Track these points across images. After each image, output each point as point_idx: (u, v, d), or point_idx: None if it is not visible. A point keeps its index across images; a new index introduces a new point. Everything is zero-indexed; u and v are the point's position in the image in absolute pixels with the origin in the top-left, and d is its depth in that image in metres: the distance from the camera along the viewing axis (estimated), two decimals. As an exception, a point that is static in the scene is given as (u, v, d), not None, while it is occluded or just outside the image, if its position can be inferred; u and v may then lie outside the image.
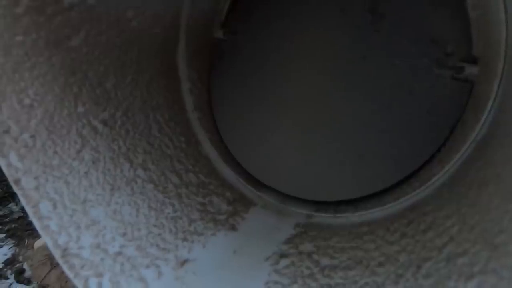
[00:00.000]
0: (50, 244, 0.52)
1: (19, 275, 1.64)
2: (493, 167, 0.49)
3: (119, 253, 0.57)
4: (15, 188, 0.51)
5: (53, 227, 0.53)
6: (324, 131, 0.85)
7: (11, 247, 1.78)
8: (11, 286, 1.60)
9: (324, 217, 0.78)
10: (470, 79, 0.67)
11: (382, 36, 0.77)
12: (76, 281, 0.52)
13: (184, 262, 0.61)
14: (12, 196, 2.00)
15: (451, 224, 0.49)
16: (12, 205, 2.02)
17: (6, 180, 0.51)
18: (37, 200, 0.52)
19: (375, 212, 0.72)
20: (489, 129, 0.58)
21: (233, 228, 0.72)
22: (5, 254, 1.75)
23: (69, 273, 0.52)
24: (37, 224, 0.52)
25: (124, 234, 0.60)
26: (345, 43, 0.82)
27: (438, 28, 0.71)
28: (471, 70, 0.67)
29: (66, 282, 1.54)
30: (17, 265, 1.69)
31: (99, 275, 0.53)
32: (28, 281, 1.62)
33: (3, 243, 1.81)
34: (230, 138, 0.93)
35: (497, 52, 0.59)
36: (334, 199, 0.80)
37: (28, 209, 0.52)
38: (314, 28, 0.85)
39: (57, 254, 0.51)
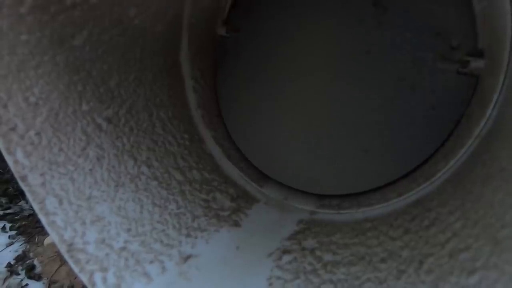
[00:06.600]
0: (56, 239, 0.53)
1: (30, 271, 1.67)
2: (498, 161, 0.49)
3: (123, 249, 0.58)
4: (21, 185, 0.52)
5: (59, 222, 0.54)
6: (329, 126, 0.84)
7: (22, 244, 1.82)
8: (22, 281, 1.64)
9: (327, 214, 0.78)
10: (476, 73, 0.66)
11: (386, 30, 0.76)
12: (81, 276, 0.53)
13: (188, 257, 0.62)
14: (22, 194, 2.04)
15: (454, 220, 0.48)
16: (22, 203, 2.06)
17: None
18: (43, 196, 0.53)
19: (378, 208, 0.71)
20: (495, 124, 0.57)
21: (236, 224, 0.73)
22: (16, 251, 1.79)
23: (75, 268, 0.53)
24: (43, 219, 0.53)
25: (128, 230, 0.61)
26: (348, 38, 0.81)
27: (443, 21, 0.70)
28: (476, 64, 0.65)
29: (75, 278, 1.57)
30: (27, 261, 1.72)
31: (104, 270, 0.54)
32: (38, 277, 1.66)
33: (14, 240, 1.85)
34: (236, 133, 0.94)
35: (503, 45, 0.58)
36: (338, 193, 0.80)
37: (35, 205, 0.53)
38: (317, 23, 0.84)
39: (63, 249, 0.52)
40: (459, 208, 0.50)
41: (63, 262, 1.64)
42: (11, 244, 1.83)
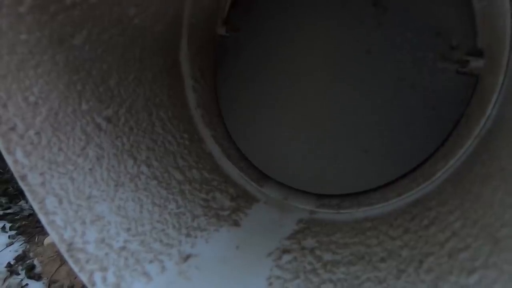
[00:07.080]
0: (56, 239, 0.53)
1: (30, 271, 1.67)
2: (497, 161, 0.49)
3: (123, 248, 0.58)
4: (21, 184, 0.52)
5: (59, 222, 0.54)
6: (329, 126, 0.85)
7: (22, 244, 1.82)
8: (22, 281, 1.64)
9: (327, 213, 0.78)
10: (475, 73, 0.66)
11: (386, 30, 0.76)
12: (81, 275, 0.53)
13: (187, 257, 0.62)
14: (22, 194, 2.03)
15: (454, 219, 0.48)
16: (22, 203, 2.06)
17: (17, 178, 0.52)
18: (43, 196, 0.53)
19: (378, 208, 0.72)
20: (494, 123, 0.57)
21: (236, 224, 0.73)
22: (16, 251, 1.79)
23: (75, 267, 0.53)
24: (43, 219, 0.53)
25: (128, 230, 0.61)
26: (348, 37, 0.81)
27: (443, 20, 0.70)
28: (476, 64, 0.65)
29: (75, 277, 1.57)
30: (28, 261, 1.72)
31: (104, 269, 0.54)
32: (38, 277, 1.66)
33: (14, 240, 1.85)
34: (236, 132, 0.94)
35: (502, 44, 0.58)
36: (338, 193, 0.80)
37: (35, 205, 0.53)
38: (317, 22, 0.84)
39: (62, 249, 0.52)
40: (458, 207, 0.50)
41: (63, 262, 1.64)
42: (11, 244, 1.83)
